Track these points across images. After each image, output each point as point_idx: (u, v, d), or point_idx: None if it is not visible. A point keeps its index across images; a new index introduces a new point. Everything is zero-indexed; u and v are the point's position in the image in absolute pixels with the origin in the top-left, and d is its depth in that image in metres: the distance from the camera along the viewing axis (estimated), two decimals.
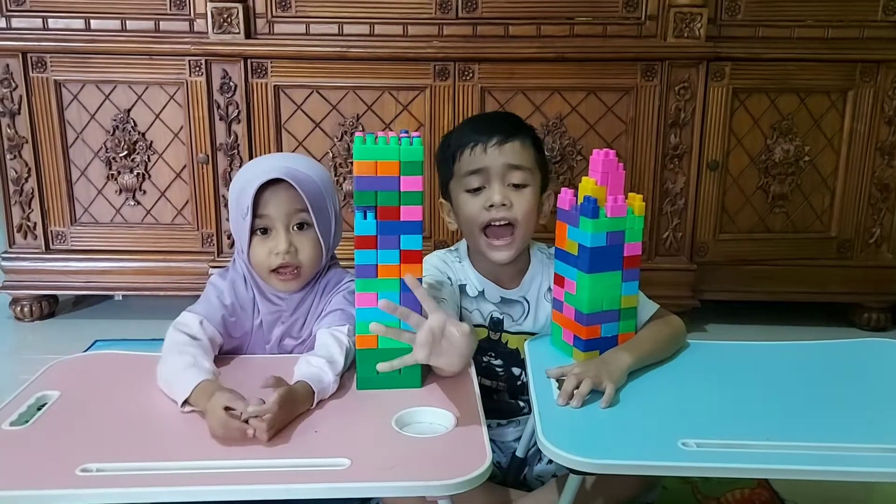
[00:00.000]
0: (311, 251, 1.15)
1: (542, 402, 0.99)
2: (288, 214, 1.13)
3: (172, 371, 1.02)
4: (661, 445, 0.90)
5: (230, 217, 1.20)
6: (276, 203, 1.12)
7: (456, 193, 1.23)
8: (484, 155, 1.18)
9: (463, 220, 1.22)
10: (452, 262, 1.28)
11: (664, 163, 2.05)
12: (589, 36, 2.00)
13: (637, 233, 1.11)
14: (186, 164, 2.09)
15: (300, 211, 1.13)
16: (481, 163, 1.18)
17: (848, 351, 1.21)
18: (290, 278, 1.15)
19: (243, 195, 1.12)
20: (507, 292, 1.26)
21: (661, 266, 2.07)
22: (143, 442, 0.92)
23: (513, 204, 1.18)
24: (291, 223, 1.14)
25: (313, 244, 1.15)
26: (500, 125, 1.21)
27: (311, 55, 1.99)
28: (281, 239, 1.13)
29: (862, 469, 0.86)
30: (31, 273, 2.14)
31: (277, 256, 1.13)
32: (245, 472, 0.85)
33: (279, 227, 1.13)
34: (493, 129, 1.20)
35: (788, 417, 0.98)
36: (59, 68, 2.03)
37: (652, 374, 1.10)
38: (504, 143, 1.18)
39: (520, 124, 1.25)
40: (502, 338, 1.26)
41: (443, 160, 1.25)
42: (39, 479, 0.83)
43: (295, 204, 1.12)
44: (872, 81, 2.05)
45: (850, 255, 2.16)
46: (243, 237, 1.14)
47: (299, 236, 1.14)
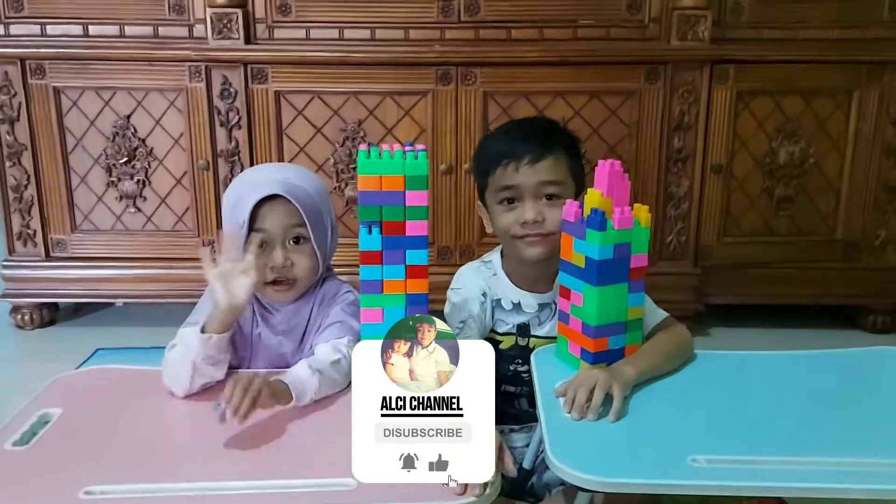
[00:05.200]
0: (307, 264, 1.15)
1: (549, 419, 0.98)
2: (284, 229, 1.13)
3: (176, 361, 1.05)
4: (670, 462, 0.88)
5: (224, 228, 1.19)
6: (273, 218, 1.12)
7: (491, 202, 1.23)
8: (516, 174, 1.18)
9: (497, 228, 1.23)
10: (488, 277, 1.27)
11: (668, 166, 2.04)
12: (592, 39, 1.99)
13: (643, 244, 1.10)
14: (187, 171, 2.07)
15: (297, 226, 1.13)
16: (514, 180, 1.18)
17: (859, 360, 1.20)
18: (284, 289, 1.15)
19: (239, 208, 1.12)
20: (541, 297, 1.26)
21: (665, 270, 2.06)
22: (147, 462, 0.91)
23: (545, 218, 1.18)
24: (288, 237, 1.14)
25: (309, 258, 1.15)
26: (534, 139, 1.19)
27: (311, 60, 1.98)
28: (277, 254, 1.13)
29: (879, 487, 0.84)
30: (32, 281, 2.13)
31: (273, 271, 1.13)
32: (251, 493, 0.84)
33: (276, 241, 1.13)
34: (527, 144, 1.18)
35: (800, 431, 0.96)
36: (58, 75, 2.01)
37: (659, 388, 1.09)
38: (537, 161, 1.17)
39: (554, 135, 1.23)
40: (530, 343, 1.26)
41: (478, 169, 1.25)
42: (44, 501, 0.82)
43: (291, 219, 1.12)
44: (878, 83, 2.04)
45: (855, 257, 2.15)
46: None
47: (295, 250, 1.14)
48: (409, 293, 1.04)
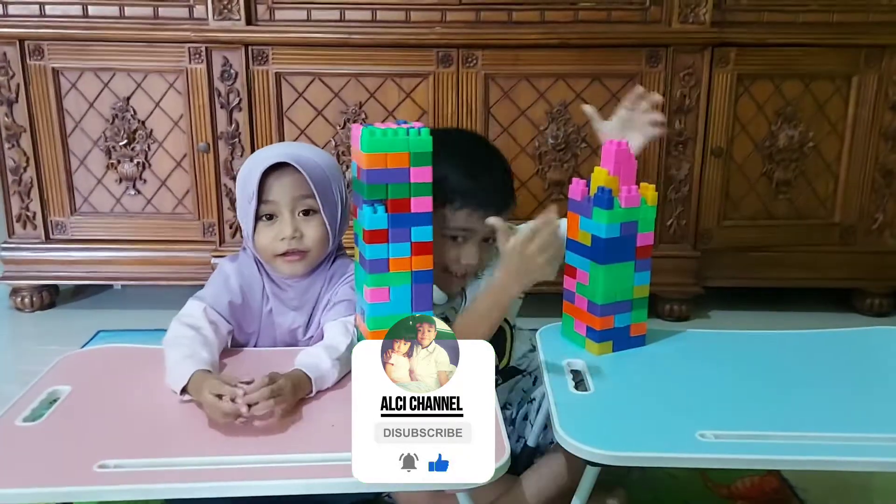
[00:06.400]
0: (317, 235, 1.15)
1: (558, 394, 0.99)
2: (293, 199, 1.13)
3: (171, 364, 1.03)
4: (679, 437, 0.90)
5: (237, 203, 1.20)
6: (282, 188, 1.12)
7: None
8: (472, 219, 1.17)
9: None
10: None
11: (668, 149, 2.04)
12: (593, 22, 1.98)
13: (650, 223, 1.11)
14: (187, 153, 2.06)
15: (306, 197, 1.13)
16: (470, 225, 1.17)
17: (859, 339, 1.22)
18: (295, 260, 1.15)
19: (248, 181, 1.12)
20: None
21: (665, 253, 2.07)
22: (159, 437, 0.92)
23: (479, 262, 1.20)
24: (297, 209, 1.14)
25: (319, 229, 1.15)
26: (500, 191, 1.21)
27: (312, 42, 1.97)
28: (286, 224, 1.13)
29: (880, 459, 0.86)
30: (31, 263, 2.13)
31: (283, 242, 1.13)
32: (262, 467, 0.85)
33: (285, 212, 1.13)
34: (492, 195, 1.18)
35: (803, 407, 0.98)
36: (57, 56, 2.00)
37: (666, 365, 1.10)
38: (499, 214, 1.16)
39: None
40: None
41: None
42: (58, 475, 0.83)
43: (300, 189, 1.12)
44: (877, 67, 2.04)
45: (853, 241, 2.16)
46: (249, 223, 1.14)
47: (305, 222, 1.14)
48: (415, 270, 1.05)
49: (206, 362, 1.02)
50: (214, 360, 1.06)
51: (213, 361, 1.04)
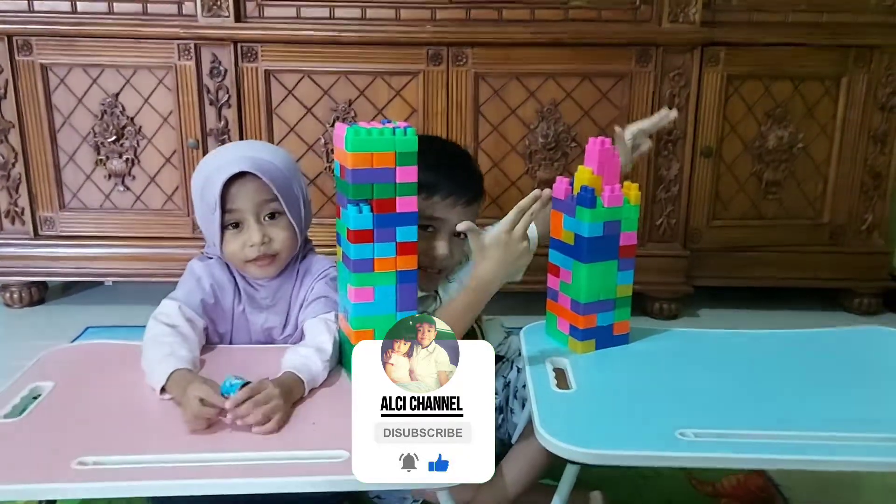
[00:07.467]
0: (285, 238, 1.15)
1: (539, 392, 0.99)
2: (257, 205, 1.12)
3: (150, 362, 1.03)
4: (658, 436, 0.90)
5: (196, 211, 1.18)
6: (245, 196, 1.11)
7: None
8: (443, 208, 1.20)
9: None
10: None
11: (658, 149, 2.04)
12: (583, 21, 1.99)
13: (633, 222, 1.11)
14: (176, 150, 2.06)
15: (270, 201, 1.12)
16: (439, 213, 1.20)
17: (845, 339, 1.22)
18: (266, 263, 1.15)
19: (208, 190, 1.11)
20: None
21: (654, 252, 2.08)
22: (140, 434, 0.92)
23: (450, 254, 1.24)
24: (262, 213, 1.13)
25: (287, 230, 1.14)
26: (471, 183, 1.25)
27: (302, 39, 1.96)
28: (254, 231, 1.12)
29: (860, 459, 0.86)
30: (20, 259, 2.12)
31: (252, 248, 1.13)
32: (245, 464, 0.85)
33: (250, 219, 1.13)
34: (464, 190, 1.23)
35: (785, 406, 0.98)
36: (46, 52, 1.99)
37: (648, 364, 1.10)
38: (468, 206, 1.23)
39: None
40: None
41: None
42: (36, 472, 0.82)
43: (263, 194, 1.12)
44: (866, 68, 2.05)
45: (842, 241, 2.17)
46: (214, 232, 1.13)
47: (271, 226, 1.14)
48: (400, 270, 1.05)
49: (185, 360, 1.01)
50: (194, 357, 1.05)
51: (192, 359, 1.04)
